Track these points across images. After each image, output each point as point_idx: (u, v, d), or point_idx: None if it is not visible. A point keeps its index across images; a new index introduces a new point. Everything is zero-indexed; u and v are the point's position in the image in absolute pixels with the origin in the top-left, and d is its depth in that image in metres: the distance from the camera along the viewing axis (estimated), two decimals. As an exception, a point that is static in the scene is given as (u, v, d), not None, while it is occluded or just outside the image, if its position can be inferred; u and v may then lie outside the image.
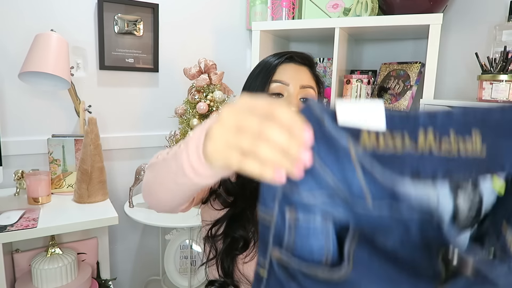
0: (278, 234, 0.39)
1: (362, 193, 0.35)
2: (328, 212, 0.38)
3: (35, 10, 1.43)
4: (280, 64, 0.80)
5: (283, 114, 0.35)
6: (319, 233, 0.39)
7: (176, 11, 1.73)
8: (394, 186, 0.34)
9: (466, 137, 0.36)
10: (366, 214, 0.36)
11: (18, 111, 1.46)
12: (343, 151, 0.35)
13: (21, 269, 1.32)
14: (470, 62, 1.46)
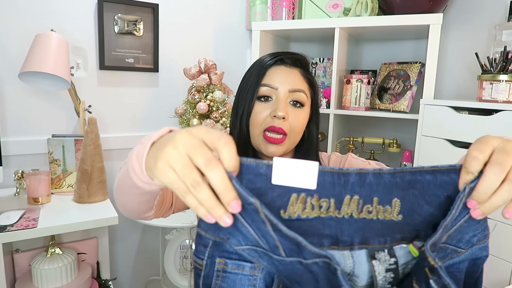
0: (207, 282, 0.42)
1: (276, 245, 0.38)
2: (255, 262, 0.41)
3: (35, 10, 1.43)
4: (270, 66, 0.79)
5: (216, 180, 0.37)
6: (246, 282, 0.41)
7: (176, 11, 1.74)
8: (300, 245, 0.37)
9: (387, 206, 0.40)
10: (284, 265, 0.39)
11: (18, 111, 1.46)
12: (252, 208, 0.37)
13: (21, 269, 1.32)
14: (470, 62, 1.46)
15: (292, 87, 0.77)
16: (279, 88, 0.77)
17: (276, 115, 0.74)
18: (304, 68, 0.83)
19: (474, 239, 0.43)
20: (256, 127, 0.77)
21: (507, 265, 1.09)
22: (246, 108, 0.79)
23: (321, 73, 1.75)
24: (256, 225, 0.38)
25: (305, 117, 0.80)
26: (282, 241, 0.38)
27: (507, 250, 1.10)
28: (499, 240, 1.11)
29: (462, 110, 1.16)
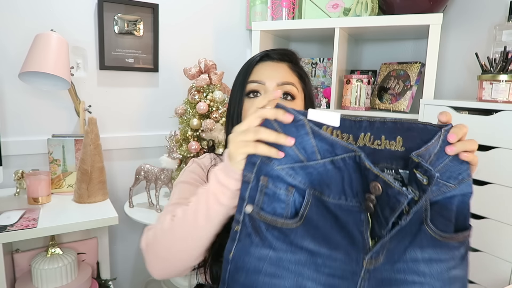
0: (252, 194, 0.52)
1: (314, 152, 0.51)
2: (291, 184, 0.52)
3: (35, 10, 1.43)
4: (256, 63, 0.80)
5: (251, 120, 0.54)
6: (282, 200, 0.52)
7: (176, 11, 1.74)
8: (333, 143, 0.51)
9: (392, 141, 0.53)
10: (317, 170, 0.51)
11: (18, 111, 1.46)
12: (301, 123, 0.51)
13: (21, 269, 1.32)
14: (470, 62, 1.46)
15: (280, 80, 0.77)
16: (266, 83, 0.77)
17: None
18: (292, 62, 0.82)
19: (460, 177, 0.54)
20: None
21: (507, 265, 1.09)
22: (236, 108, 0.79)
23: (321, 73, 1.75)
24: (299, 140, 0.51)
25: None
26: (319, 144, 0.50)
27: (507, 250, 1.10)
28: (499, 240, 1.11)
29: (462, 110, 1.16)
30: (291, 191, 0.51)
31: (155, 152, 1.73)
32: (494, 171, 1.12)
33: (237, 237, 0.52)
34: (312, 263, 0.51)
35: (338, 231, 0.51)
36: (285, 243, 0.51)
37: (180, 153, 1.45)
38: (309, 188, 0.51)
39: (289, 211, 0.51)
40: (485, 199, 1.15)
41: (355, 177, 0.50)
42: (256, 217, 0.51)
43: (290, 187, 0.51)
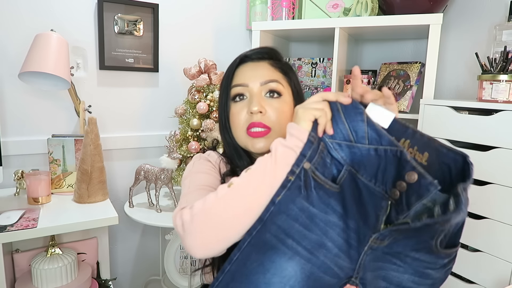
0: (312, 154, 0.58)
1: (364, 137, 0.58)
2: (332, 157, 0.59)
3: (35, 10, 1.43)
4: (237, 66, 0.80)
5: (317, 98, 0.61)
6: (331, 165, 0.59)
7: (176, 11, 1.74)
8: (382, 135, 0.57)
9: (420, 154, 0.60)
10: (361, 151, 0.58)
11: (18, 111, 1.46)
12: (360, 111, 0.59)
13: (21, 269, 1.32)
14: (470, 62, 1.46)
15: (263, 79, 0.76)
16: (249, 84, 0.76)
17: (252, 111, 0.73)
18: (273, 58, 0.82)
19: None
20: (238, 128, 0.76)
21: (507, 265, 1.09)
22: (223, 114, 0.79)
23: (321, 73, 1.75)
24: (353, 124, 0.58)
25: (287, 107, 0.77)
26: (370, 132, 0.58)
27: (507, 250, 1.10)
28: (499, 240, 1.11)
29: (462, 110, 1.16)
30: (332, 163, 0.59)
31: (155, 152, 1.73)
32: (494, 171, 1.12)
33: (288, 186, 0.57)
34: (337, 226, 0.58)
35: (358, 207, 0.58)
36: (324, 204, 0.58)
37: (180, 153, 1.45)
38: (347, 165, 0.59)
39: (333, 175, 0.59)
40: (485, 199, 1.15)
41: (389, 168, 0.57)
42: (310, 174, 0.57)
43: (332, 161, 0.59)
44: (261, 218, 0.57)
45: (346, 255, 0.59)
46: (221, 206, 0.57)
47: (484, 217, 1.15)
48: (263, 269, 0.57)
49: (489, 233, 1.14)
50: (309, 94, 1.72)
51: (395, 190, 0.56)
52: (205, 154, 0.84)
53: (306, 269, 0.57)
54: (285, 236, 0.57)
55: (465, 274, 1.21)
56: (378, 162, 0.57)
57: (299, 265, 0.57)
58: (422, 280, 0.62)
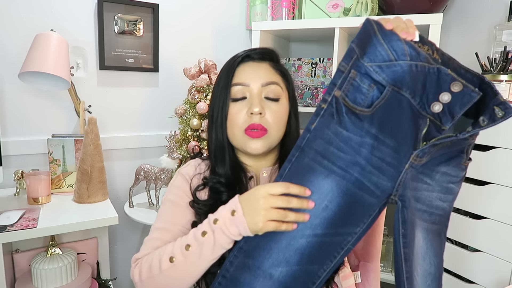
0: (342, 82, 0.61)
1: (405, 54, 0.59)
2: (374, 80, 0.60)
3: (35, 10, 1.43)
4: (238, 65, 0.79)
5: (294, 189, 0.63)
6: (363, 93, 0.61)
7: (176, 11, 1.74)
8: (420, 52, 0.59)
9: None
10: (401, 68, 0.59)
11: (18, 111, 1.46)
12: (397, 37, 0.60)
13: (21, 269, 1.32)
14: (470, 62, 1.46)
15: (264, 81, 0.76)
16: (251, 84, 0.76)
17: (253, 112, 0.73)
18: (273, 60, 0.82)
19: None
20: (236, 128, 0.76)
21: (507, 265, 1.09)
22: (220, 112, 0.78)
23: (321, 73, 1.75)
24: (391, 44, 0.59)
25: (283, 110, 0.78)
26: (409, 49, 0.59)
27: (507, 250, 1.10)
28: (499, 240, 1.11)
29: (462, 110, 1.16)
30: (372, 87, 0.60)
31: (155, 152, 1.73)
32: (494, 171, 1.12)
33: (322, 113, 0.62)
34: (370, 146, 0.61)
35: (398, 126, 0.61)
36: (357, 128, 0.61)
37: (180, 153, 1.45)
38: (389, 85, 0.60)
39: (366, 103, 0.61)
40: (485, 199, 1.15)
41: (429, 84, 0.59)
42: (341, 101, 0.61)
43: (372, 84, 0.60)
44: (298, 146, 0.63)
45: (382, 173, 0.62)
46: (163, 279, 0.67)
47: (484, 217, 1.15)
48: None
49: (489, 233, 1.14)
50: (309, 94, 1.72)
51: (437, 104, 0.59)
52: (184, 166, 0.84)
53: (342, 185, 0.62)
54: (321, 158, 0.62)
55: (465, 274, 1.21)
56: (419, 77, 0.59)
57: (334, 181, 0.62)
58: (446, 196, 0.67)
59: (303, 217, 0.62)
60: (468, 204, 1.19)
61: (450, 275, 1.25)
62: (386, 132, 0.61)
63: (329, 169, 0.62)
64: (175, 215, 0.77)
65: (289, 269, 0.63)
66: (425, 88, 0.60)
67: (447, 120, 0.60)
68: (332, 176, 0.62)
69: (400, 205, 0.62)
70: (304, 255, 0.63)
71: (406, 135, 0.61)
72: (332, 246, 0.63)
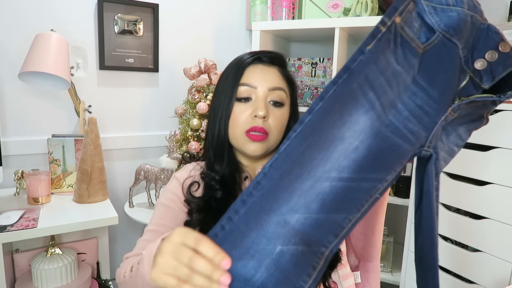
0: (403, 9, 0.54)
1: (463, 1, 0.55)
2: (424, 22, 0.55)
3: (35, 10, 1.43)
4: (248, 65, 0.79)
5: (207, 250, 0.47)
6: (418, 32, 0.55)
7: (176, 11, 1.74)
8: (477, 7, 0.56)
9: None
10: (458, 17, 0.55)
11: (18, 111, 1.46)
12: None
13: (21, 269, 1.32)
14: (470, 62, 1.46)
15: (271, 85, 0.77)
16: (258, 87, 0.76)
17: (257, 115, 0.74)
18: (282, 66, 0.82)
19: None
20: (238, 128, 0.76)
21: (507, 265, 1.09)
22: (225, 110, 0.78)
23: (321, 73, 1.75)
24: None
25: (285, 116, 0.79)
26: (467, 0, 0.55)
27: (507, 250, 1.10)
28: (499, 240, 1.11)
29: (462, 110, 1.16)
30: (420, 29, 0.56)
31: (155, 152, 1.73)
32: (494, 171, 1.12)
33: (379, 36, 0.54)
34: (410, 90, 0.57)
35: (444, 74, 0.58)
36: (407, 63, 0.56)
37: (180, 153, 1.45)
38: (440, 30, 0.56)
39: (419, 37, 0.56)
40: (485, 199, 1.15)
41: (478, 41, 0.57)
42: (399, 29, 0.55)
43: (421, 26, 0.56)
44: (347, 67, 0.55)
45: (419, 121, 0.58)
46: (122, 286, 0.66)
47: (484, 217, 1.15)
48: (341, 123, 0.57)
49: (489, 233, 1.14)
50: (309, 94, 1.72)
51: (481, 61, 0.57)
52: (179, 171, 0.85)
53: (375, 126, 0.57)
54: (368, 88, 0.56)
55: (465, 274, 1.21)
56: (472, 30, 0.56)
57: (370, 120, 0.56)
58: (448, 158, 0.65)
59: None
60: (468, 204, 1.19)
61: (450, 275, 1.25)
62: (430, 78, 0.58)
63: (372, 104, 0.56)
64: (166, 218, 0.77)
65: (308, 216, 0.54)
66: (474, 42, 0.58)
67: (487, 79, 0.58)
68: (371, 113, 0.56)
69: (434, 157, 0.60)
70: (326, 201, 0.55)
71: (449, 86, 0.58)
72: (360, 193, 0.57)
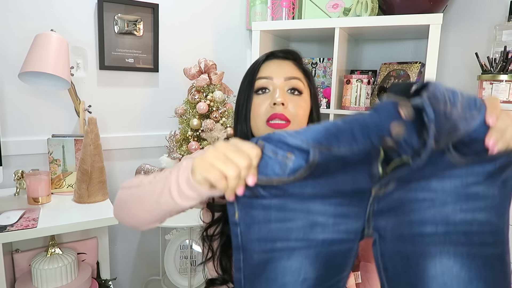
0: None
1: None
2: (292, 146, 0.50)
3: (35, 10, 1.43)
4: (263, 62, 0.83)
5: (245, 147, 0.50)
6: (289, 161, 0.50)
7: (176, 11, 1.74)
8: None
9: None
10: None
11: (18, 111, 1.46)
12: None
13: (21, 269, 1.32)
14: (470, 62, 1.46)
15: (287, 75, 0.79)
16: (274, 78, 0.79)
17: (276, 102, 0.76)
18: (296, 60, 0.86)
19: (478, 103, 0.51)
20: (259, 119, 0.78)
21: (507, 265, 1.09)
22: (245, 105, 0.80)
23: (321, 73, 1.75)
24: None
25: (305, 105, 0.81)
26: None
27: (507, 250, 1.10)
28: (499, 240, 1.11)
29: (462, 110, 1.16)
30: (290, 158, 0.50)
31: (155, 152, 1.73)
32: (494, 171, 1.12)
33: (236, 208, 0.53)
34: (318, 199, 0.53)
35: (344, 175, 0.52)
36: (285, 196, 0.52)
37: (180, 153, 1.45)
38: (312, 147, 0.49)
39: (287, 171, 0.50)
40: (485, 199, 1.14)
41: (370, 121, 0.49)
42: (254, 190, 0.52)
43: (289, 153, 0.50)
44: (237, 247, 0.54)
45: (347, 218, 0.54)
46: (130, 196, 0.65)
47: (484, 217, 1.15)
48: (271, 281, 0.54)
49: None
50: (309, 94, 1.72)
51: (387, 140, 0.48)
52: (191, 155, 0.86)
53: (311, 254, 0.54)
54: (270, 243, 0.53)
55: (465, 274, 1.21)
56: (349, 126, 0.49)
57: (301, 256, 0.54)
58: (471, 203, 0.52)
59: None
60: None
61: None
62: (331, 187, 0.53)
63: (287, 248, 0.53)
64: None
65: None
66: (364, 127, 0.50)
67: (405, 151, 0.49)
68: (296, 252, 0.54)
69: (378, 237, 0.56)
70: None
71: (355, 176, 0.52)
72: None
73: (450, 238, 0.52)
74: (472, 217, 0.51)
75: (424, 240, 0.53)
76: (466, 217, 0.51)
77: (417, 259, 0.53)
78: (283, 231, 0.53)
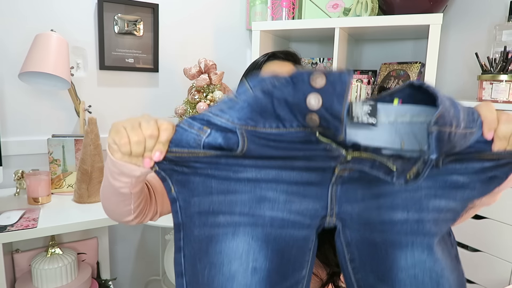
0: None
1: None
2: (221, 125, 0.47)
3: (35, 10, 1.43)
4: (264, 63, 0.85)
5: (160, 121, 0.50)
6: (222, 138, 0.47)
7: (176, 11, 1.74)
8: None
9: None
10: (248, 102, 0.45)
11: (18, 111, 1.46)
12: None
13: (21, 269, 1.32)
14: (470, 62, 1.46)
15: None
16: None
17: None
18: (296, 62, 0.87)
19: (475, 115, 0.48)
20: None
21: (507, 265, 1.10)
22: None
23: (321, 73, 1.75)
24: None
25: None
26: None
27: (507, 250, 1.10)
28: (499, 240, 1.11)
29: (462, 110, 1.16)
30: (206, 131, 0.46)
31: (155, 152, 1.73)
32: (494, 171, 1.12)
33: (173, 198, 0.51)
34: (270, 172, 0.48)
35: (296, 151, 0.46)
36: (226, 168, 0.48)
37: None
38: (239, 126, 0.45)
39: (201, 144, 0.47)
40: (485, 199, 1.15)
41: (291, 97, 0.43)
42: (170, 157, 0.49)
43: (205, 127, 0.47)
44: (177, 224, 0.51)
45: (302, 197, 0.49)
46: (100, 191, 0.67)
47: (484, 217, 1.15)
48: (217, 269, 0.48)
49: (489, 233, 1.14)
50: (309, 94, 1.72)
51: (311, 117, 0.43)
52: None
53: (259, 235, 0.48)
54: (212, 216, 0.48)
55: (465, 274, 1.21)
56: (269, 100, 0.44)
57: (247, 235, 0.48)
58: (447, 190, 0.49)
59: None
60: (468, 204, 1.19)
61: (450, 275, 1.25)
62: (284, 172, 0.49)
63: (231, 224, 0.48)
64: None
65: None
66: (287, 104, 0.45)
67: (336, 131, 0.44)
68: (241, 229, 0.48)
69: (341, 226, 0.51)
70: None
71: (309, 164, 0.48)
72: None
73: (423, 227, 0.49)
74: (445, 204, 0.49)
75: (394, 228, 0.49)
76: (440, 204, 0.48)
77: (385, 248, 0.50)
78: (226, 204, 0.48)
